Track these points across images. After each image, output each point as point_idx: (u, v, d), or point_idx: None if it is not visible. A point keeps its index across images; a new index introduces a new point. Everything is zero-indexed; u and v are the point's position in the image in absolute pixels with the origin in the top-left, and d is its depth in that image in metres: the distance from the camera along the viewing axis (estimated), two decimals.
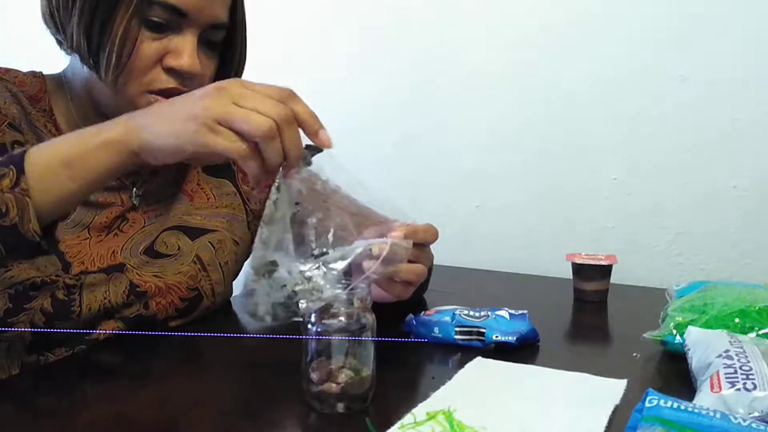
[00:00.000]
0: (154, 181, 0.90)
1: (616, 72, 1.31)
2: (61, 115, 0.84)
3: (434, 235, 0.76)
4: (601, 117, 1.33)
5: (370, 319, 0.68)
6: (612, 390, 0.72)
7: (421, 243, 0.74)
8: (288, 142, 0.61)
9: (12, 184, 0.62)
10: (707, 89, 1.25)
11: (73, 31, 0.76)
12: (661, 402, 0.57)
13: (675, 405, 0.57)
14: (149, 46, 0.77)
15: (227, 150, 0.61)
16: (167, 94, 0.78)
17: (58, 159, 0.64)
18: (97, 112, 0.83)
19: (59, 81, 0.86)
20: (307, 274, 0.65)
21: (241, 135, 0.61)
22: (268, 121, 0.60)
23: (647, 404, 0.58)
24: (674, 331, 0.82)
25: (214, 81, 0.83)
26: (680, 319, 0.83)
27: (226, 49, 0.85)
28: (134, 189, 0.87)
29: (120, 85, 0.78)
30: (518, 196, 1.43)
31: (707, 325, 0.81)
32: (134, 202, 0.87)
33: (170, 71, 0.78)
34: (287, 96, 0.62)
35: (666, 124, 1.28)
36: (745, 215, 1.25)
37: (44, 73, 0.87)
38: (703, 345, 0.73)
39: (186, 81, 0.79)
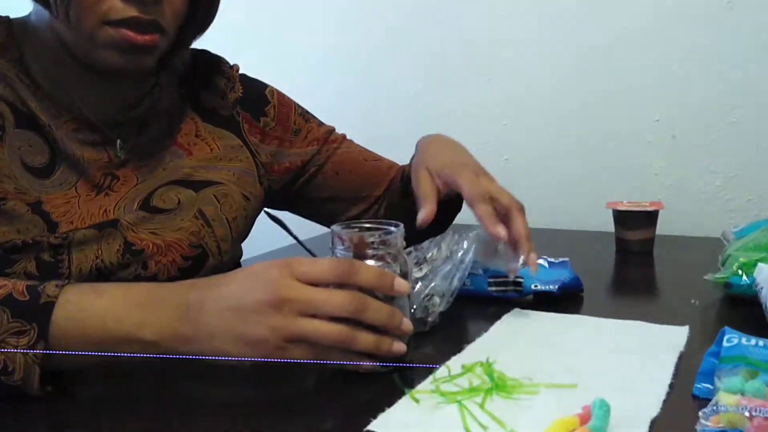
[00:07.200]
0: (143, 135, 0.81)
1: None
2: (33, 62, 0.76)
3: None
4: (640, 52, 1.24)
5: (407, 265, 0.62)
6: (674, 337, 0.64)
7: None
8: (373, 318, 0.58)
9: (27, 346, 0.57)
10: (756, 16, 1.15)
11: None
12: (743, 340, 0.49)
13: (761, 343, 0.48)
14: None
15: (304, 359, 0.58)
16: (128, 24, 0.69)
17: (87, 340, 0.58)
18: (68, 54, 0.74)
19: (26, 25, 0.77)
20: None
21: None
22: (337, 329, 0.57)
23: (725, 343, 0.49)
24: (740, 272, 0.76)
25: (184, 6, 0.74)
26: (744, 259, 0.77)
27: None
28: (119, 141, 0.79)
29: (73, 20, 0.68)
30: (553, 143, 1.34)
31: None
32: (120, 155, 0.78)
33: None
34: (347, 273, 0.58)
35: (711, 56, 1.18)
36: None
37: (11, 17, 0.78)
38: None
39: (148, 7, 0.69)
